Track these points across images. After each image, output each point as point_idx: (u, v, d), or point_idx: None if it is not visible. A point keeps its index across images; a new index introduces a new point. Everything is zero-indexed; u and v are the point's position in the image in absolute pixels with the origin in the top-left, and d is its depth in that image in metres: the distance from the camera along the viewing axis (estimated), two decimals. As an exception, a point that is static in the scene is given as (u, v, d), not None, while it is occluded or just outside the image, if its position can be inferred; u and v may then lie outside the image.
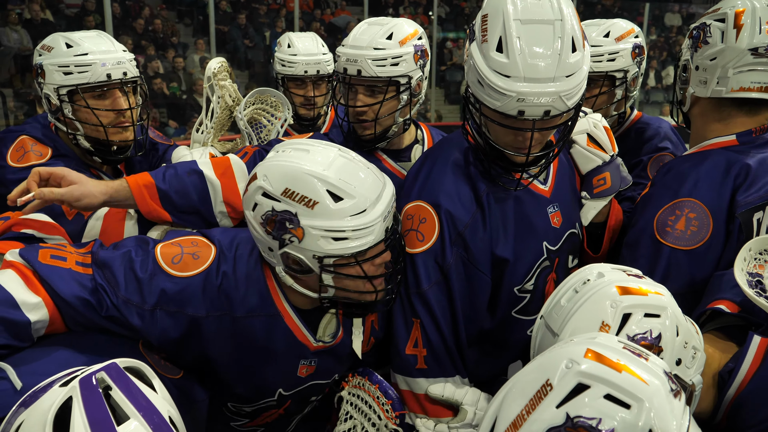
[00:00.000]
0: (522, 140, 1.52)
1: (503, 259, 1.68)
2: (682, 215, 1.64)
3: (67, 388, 0.98)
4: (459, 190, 1.66)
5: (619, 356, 0.91)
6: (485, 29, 1.46)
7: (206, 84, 2.14)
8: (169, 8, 11.46)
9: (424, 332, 1.65)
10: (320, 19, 13.01)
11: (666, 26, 15.37)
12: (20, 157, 1.87)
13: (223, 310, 1.48)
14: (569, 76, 1.42)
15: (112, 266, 1.42)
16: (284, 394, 1.67)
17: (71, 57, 1.88)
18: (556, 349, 0.97)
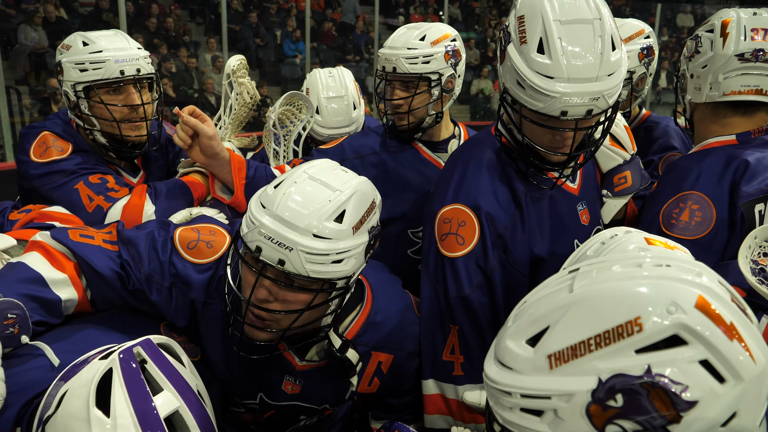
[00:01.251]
0: (560, 139, 1.54)
1: (540, 258, 1.67)
2: (686, 207, 1.67)
3: (108, 361, 1.06)
4: (497, 191, 1.65)
5: (733, 317, 0.74)
6: (523, 30, 1.46)
7: (225, 81, 2.17)
8: (181, 7, 11.53)
9: (462, 338, 1.64)
10: (331, 18, 13.05)
11: (678, 27, 15.30)
12: (42, 152, 1.91)
13: (217, 301, 1.50)
14: (611, 74, 1.42)
15: (137, 244, 1.48)
16: (267, 401, 1.65)
17: (86, 54, 1.92)
18: (661, 281, 0.77)
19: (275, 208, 1.28)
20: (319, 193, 1.32)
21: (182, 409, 1.05)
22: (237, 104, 2.16)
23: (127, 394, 1.02)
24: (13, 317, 1.27)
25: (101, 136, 1.99)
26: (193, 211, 1.84)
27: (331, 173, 1.39)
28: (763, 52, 1.70)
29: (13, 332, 1.27)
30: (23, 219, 1.63)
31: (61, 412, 1.03)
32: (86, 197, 1.82)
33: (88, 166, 1.92)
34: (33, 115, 7.71)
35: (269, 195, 1.32)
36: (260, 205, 1.31)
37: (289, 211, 1.27)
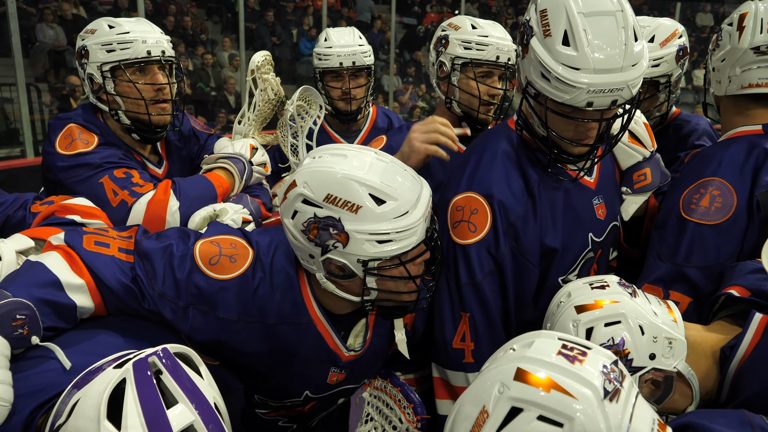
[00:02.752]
0: (584, 130, 1.56)
1: (552, 249, 1.68)
2: (706, 193, 1.68)
3: (121, 371, 1.01)
4: (510, 180, 1.66)
5: (548, 370, 0.93)
6: (546, 24, 1.47)
7: (249, 77, 2.17)
8: (198, 5, 11.59)
9: (473, 325, 1.65)
10: (347, 17, 13.06)
11: (697, 26, 15.14)
12: (68, 144, 1.92)
13: (254, 317, 1.47)
14: (634, 65, 1.45)
15: (153, 259, 1.43)
16: (311, 396, 1.68)
17: (114, 35, 1.95)
18: (491, 371, 0.99)
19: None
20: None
21: (197, 423, 1.00)
22: (261, 101, 2.16)
23: (140, 406, 0.97)
24: (22, 318, 1.24)
25: (125, 117, 2.01)
26: (216, 207, 1.84)
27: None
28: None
29: (22, 333, 1.24)
30: (44, 212, 1.62)
31: (71, 422, 1.00)
32: (111, 191, 1.82)
33: (114, 160, 1.92)
34: (53, 111, 7.78)
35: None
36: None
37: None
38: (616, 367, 0.98)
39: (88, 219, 1.63)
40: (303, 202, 1.39)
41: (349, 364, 1.62)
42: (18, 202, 1.66)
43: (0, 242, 1.41)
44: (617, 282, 1.42)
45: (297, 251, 1.49)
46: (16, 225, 1.62)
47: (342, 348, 1.58)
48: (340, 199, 1.35)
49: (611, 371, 0.96)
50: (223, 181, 1.98)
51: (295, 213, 1.41)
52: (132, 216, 1.81)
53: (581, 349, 0.99)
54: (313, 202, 1.37)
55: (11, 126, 7.71)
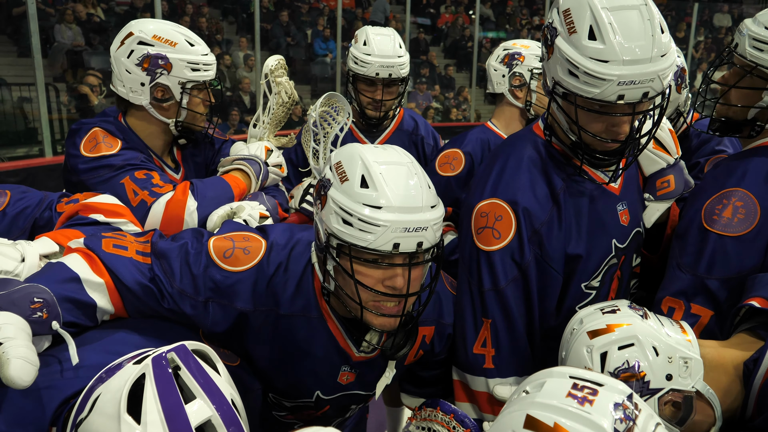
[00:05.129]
0: (615, 127, 1.54)
1: (576, 255, 1.68)
2: (729, 204, 1.64)
3: (141, 366, 1.04)
4: (535, 187, 1.66)
5: (557, 416, 0.94)
6: (570, 22, 1.48)
7: (263, 80, 2.21)
8: (214, 6, 11.68)
9: (494, 332, 1.66)
10: (362, 17, 13.10)
11: (715, 27, 15.02)
12: (92, 147, 1.97)
13: (269, 306, 1.50)
14: (663, 55, 1.44)
15: (170, 257, 1.47)
16: (322, 398, 1.69)
17: (199, 56, 2.06)
18: (505, 416, 1.01)
19: (394, 202, 1.34)
20: (405, 173, 1.41)
21: (215, 419, 1.02)
22: (275, 104, 2.20)
23: (158, 400, 1.00)
24: (39, 301, 1.24)
25: (174, 127, 2.13)
26: (233, 206, 1.88)
27: (391, 151, 1.48)
28: None
29: (41, 317, 1.24)
30: (68, 211, 1.66)
31: (93, 416, 1.02)
32: (131, 192, 1.87)
33: (135, 162, 1.97)
34: (70, 111, 7.88)
35: (372, 196, 1.34)
36: (368, 208, 1.34)
37: (410, 198, 1.36)
38: (630, 402, 0.97)
39: (112, 218, 1.67)
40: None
41: (359, 364, 1.64)
42: (43, 203, 1.69)
43: (26, 244, 1.44)
44: (628, 305, 1.43)
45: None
46: (44, 226, 1.66)
47: (353, 348, 1.60)
48: (342, 168, 1.40)
49: (624, 408, 0.95)
50: (239, 183, 2.03)
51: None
52: (151, 215, 1.86)
53: (592, 388, 0.98)
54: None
55: (30, 125, 7.82)
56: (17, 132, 7.76)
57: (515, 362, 1.67)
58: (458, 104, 12.25)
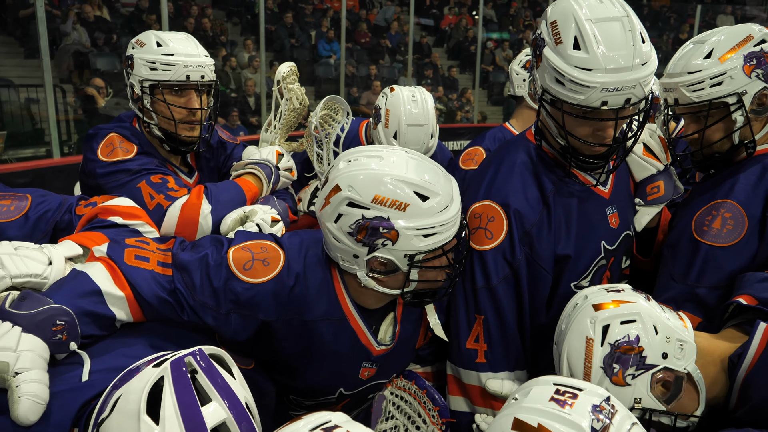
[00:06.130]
0: (600, 132, 1.62)
1: (565, 255, 1.74)
2: (718, 215, 1.72)
3: (160, 369, 1.08)
4: (527, 191, 1.73)
5: (540, 417, 1.05)
6: (557, 33, 1.56)
7: (275, 87, 2.27)
8: (218, 7, 11.73)
9: (486, 328, 1.72)
10: (366, 19, 13.14)
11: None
12: (109, 152, 2.03)
13: (292, 315, 1.54)
14: (644, 63, 1.52)
15: (191, 270, 1.49)
16: (344, 393, 1.74)
17: (159, 55, 2.04)
18: (495, 422, 1.13)
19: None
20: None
21: (229, 421, 1.06)
22: (287, 110, 2.26)
23: (176, 402, 1.04)
24: (62, 324, 1.30)
25: (157, 130, 2.11)
26: (246, 210, 1.94)
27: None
28: None
29: (61, 338, 1.29)
30: (88, 214, 1.71)
31: (114, 416, 1.06)
32: (148, 195, 1.93)
33: (151, 167, 2.03)
34: (77, 112, 7.94)
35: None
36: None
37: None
38: (607, 404, 1.08)
39: (130, 220, 1.72)
40: (349, 205, 1.45)
41: (380, 358, 1.69)
42: (63, 206, 1.74)
43: (52, 248, 1.49)
44: (631, 288, 1.48)
45: (337, 252, 1.53)
46: (65, 229, 1.71)
47: (373, 342, 1.65)
48: (388, 199, 1.43)
49: (601, 409, 1.06)
50: (252, 186, 2.08)
51: (339, 216, 1.47)
52: (167, 218, 1.92)
53: (573, 392, 1.10)
54: (360, 204, 1.44)
55: (36, 126, 7.88)
56: (24, 133, 7.83)
57: (507, 357, 1.74)
58: (461, 105, 12.29)
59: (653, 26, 14.31)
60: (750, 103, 1.73)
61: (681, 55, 1.84)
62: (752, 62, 1.71)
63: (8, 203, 1.67)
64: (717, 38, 1.78)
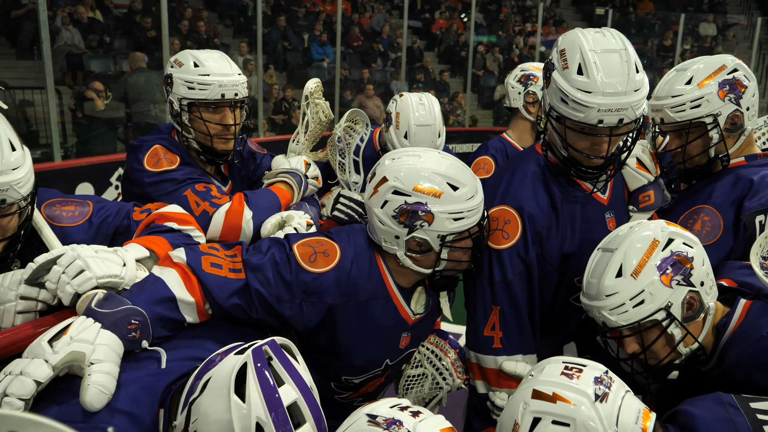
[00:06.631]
0: (597, 146, 1.85)
1: (570, 254, 1.97)
2: (698, 218, 1.99)
3: (243, 356, 1.25)
4: (538, 197, 1.97)
5: (554, 387, 1.30)
6: (565, 60, 1.81)
7: (304, 102, 2.45)
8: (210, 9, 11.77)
9: (502, 317, 1.95)
10: (358, 23, 13.30)
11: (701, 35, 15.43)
12: (155, 163, 2.18)
13: (350, 296, 1.75)
14: (636, 90, 1.76)
15: (264, 269, 1.68)
16: (389, 364, 1.96)
17: (196, 75, 2.19)
18: (517, 394, 1.36)
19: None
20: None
21: (299, 400, 1.22)
22: (313, 122, 2.44)
23: (258, 384, 1.19)
24: (136, 323, 1.45)
25: (195, 143, 2.27)
26: (283, 215, 2.11)
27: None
28: None
29: (134, 336, 1.44)
30: (146, 220, 1.85)
31: (205, 396, 1.21)
32: (194, 203, 2.08)
33: (195, 176, 2.19)
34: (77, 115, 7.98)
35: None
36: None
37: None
38: (606, 376, 1.33)
39: (183, 225, 1.87)
40: (394, 193, 1.74)
41: (413, 326, 1.92)
42: (122, 212, 1.87)
43: (123, 251, 1.64)
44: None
45: (381, 234, 1.79)
46: (123, 233, 1.85)
47: (410, 313, 1.89)
48: (426, 188, 1.72)
49: (602, 380, 1.31)
50: (285, 193, 2.25)
51: (385, 203, 1.75)
52: (213, 224, 2.07)
53: (578, 368, 1.34)
54: (403, 192, 1.73)
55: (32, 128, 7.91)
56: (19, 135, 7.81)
57: (520, 342, 1.96)
58: (453, 109, 12.48)
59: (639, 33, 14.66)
60: (724, 123, 2.01)
61: (666, 80, 2.10)
62: (726, 88, 2.00)
63: (72, 209, 1.80)
64: (697, 66, 2.05)
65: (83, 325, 1.39)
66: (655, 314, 1.57)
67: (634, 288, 1.58)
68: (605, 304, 1.61)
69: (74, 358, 1.31)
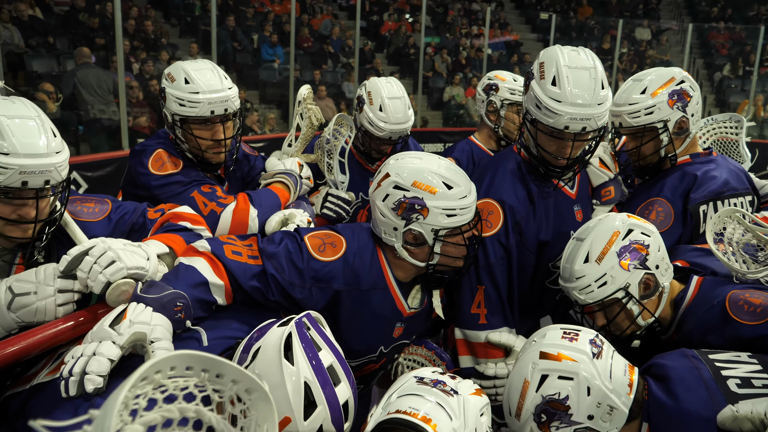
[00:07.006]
0: (563, 150, 2.12)
1: (545, 241, 2.25)
2: (653, 209, 2.28)
3: (287, 327, 1.43)
4: (517, 191, 2.23)
5: (558, 348, 1.52)
6: (543, 71, 2.07)
7: (298, 107, 2.60)
8: (156, 8, 11.57)
9: (486, 296, 2.20)
10: (308, 24, 13.33)
11: (636, 40, 16.22)
12: (160, 166, 2.27)
13: (353, 285, 1.93)
14: (600, 104, 2.03)
15: (279, 257, 1.85)
16: (384, 352, 2.12)
17: (186, 93, 2.24)
18: (524, 356, 1.57)
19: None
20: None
21: (335, 363, 1.42)
22: (305, 126, 2.59)
23: (303, 350, 1.39)
24: (180, 305, 1.62)
25: (189, 154, 2.36)
26: (285, 213, 2.26)
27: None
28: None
29: (180, 317, 1.62)
30: (161, 219, 1.97)
31: (257, 363, 1.38)
32: (202, 203, 2.20)
33: (199, 178, 2.30)
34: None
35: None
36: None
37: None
38: (598, 338, 1.57)
39: (195, 225, 1.99)
40: (395, 187, 1.93)
41: (408, 318, 2.09)
42: (138, 210, 1.98)
43: (146, 245, 1.75)
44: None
45: (381, 226, 1.97)
46: (138, 230, 1.95)
47: (405, 305, 2.06)
48: (423, 185, 1.91)
49: (595, 342, 1.55)
50: (283, 192, 2.38)
51: (386, 196, 1.94)
52: (222, 222, 2.20)
53: (575, 332, 1.57)
54: (402, 186, 1.92)
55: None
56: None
57: (502, 317, 2.23)
58: (404, 110, 12.61)
59: (579, 36, 15.30)
60: (673, 127, 2.33)
61: (624, 89, 2.42)
62: (674, 97, 2.31)
63: (92, 205, 1.91)
64: (650, 78, 2.37)
65: (137, 309, 1.53)
66: (616, 293, 1.85)
67: (598, 271, 1.86)
68: (576, 285, 1.90)
69: (138, 338, 1.46)
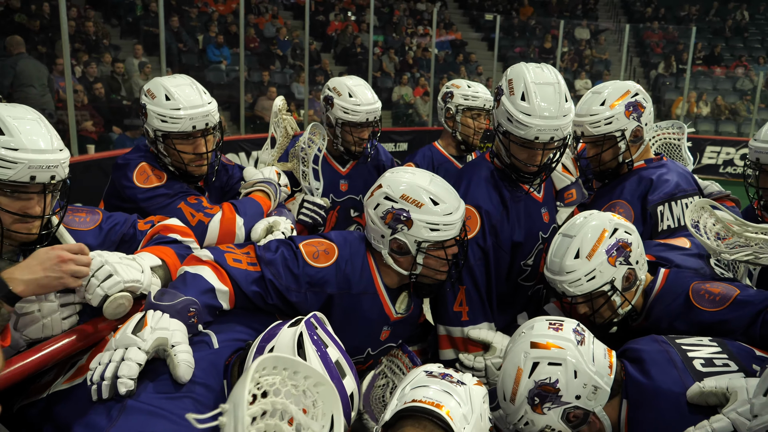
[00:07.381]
0: (533, 158, 2.31)
1: (518, 242, 2.44)
2: (615, 211, 2.40)
3: (298, 327, 1.53)
4: (491, 197, 2.41)
5: (547, 338, 1.67)
6: (511, 87, 2.26)
7: (273, 118, 2.69)
8: (96, 8, 11.27)
9: (468, 295, 2.38)
10: (254, 24, 13.22)
11: (576, 39, 16.82)
12: (145, 179, 2.31)
13: (345, 289, 2.05)
14: (564, 116, 2.23)
15: (276, 264, 1.97)
16: (371, 353, 2.25)
17: (167, 109, 2.29)
18: (516, 346, 1.71)
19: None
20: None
21: (341, 358, 1.52)
22: (281, 136, 2.68)
23: (314, 347, 1.49)
24: (193, 310, 1.71)
25: (171, 167, 2.39)
26: (270, 220, 2.35)
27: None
28: None
29: (193, 322, 1.70)
30: (152, 231, 2.02)
31: None
32: (189, 214, 2.25)
33: (184, 189, 2.35)
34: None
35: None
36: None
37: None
38: (579, 327, 1.73)
39: (184, 237, 2.06)
40: (385, 198, 2.07)
41: (394, 323, 2.23)
42: (129, 222, 2.03)
43: (140, 258, 1.81)
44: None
45: (372, 232, 2.11)
46: (128, 241, 2.00)
47: (393, 310, 2.19)
48: (411, 198, 2.05)
49: (577, 330, 1.70)
50: (265, 201, 2.46)
51: (377, 205, 2.08)
52: (210, 232, 2.26)
53: (560, 322, 1.73)
54: (392, 198, 2.06)
55: None
56: None
57: (482, 313, 2.40)
58: (354, 110, 12.66)
59: (522, 36, 15.77)
60: (629, 136, 2.55)
61: (584, 101, 2.64)
62: (630, 109, 2.53)
63: (84, 215, 1.95)
64: (609, 91, 2.59)
65: (156, 316, 1.61)
66: (603, 287, 2.03)
67: (588, 267, 2.02)
68: (565, 279, 2.05)
69: (160, 342, 1.55)
